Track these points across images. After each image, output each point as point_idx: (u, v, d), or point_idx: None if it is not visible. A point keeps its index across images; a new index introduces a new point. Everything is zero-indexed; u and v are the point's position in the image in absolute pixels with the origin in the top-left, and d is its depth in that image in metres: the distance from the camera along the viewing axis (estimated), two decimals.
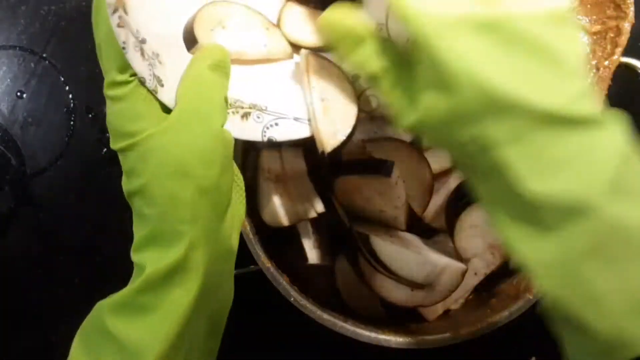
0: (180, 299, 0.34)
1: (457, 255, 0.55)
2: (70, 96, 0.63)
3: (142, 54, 0.35)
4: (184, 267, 0.34)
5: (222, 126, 0.36)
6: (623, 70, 0.59)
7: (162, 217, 0.34)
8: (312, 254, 0.53)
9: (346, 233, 0.54)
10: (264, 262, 0.51)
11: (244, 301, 0.60)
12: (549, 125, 0.29)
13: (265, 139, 0.38)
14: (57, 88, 0.63)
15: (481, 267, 0.57)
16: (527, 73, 0.29)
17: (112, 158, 0.63)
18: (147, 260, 0.34)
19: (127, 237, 0.62)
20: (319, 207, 0.53)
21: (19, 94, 0.63)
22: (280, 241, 0.53)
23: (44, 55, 0.63)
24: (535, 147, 0.29)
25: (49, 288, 0.62)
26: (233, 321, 0.58)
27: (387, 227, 0.54)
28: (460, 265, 0.52)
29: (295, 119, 0.39)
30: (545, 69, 0.30)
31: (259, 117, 0.38)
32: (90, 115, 0.63)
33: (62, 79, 0.63)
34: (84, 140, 0.63)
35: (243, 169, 0.51)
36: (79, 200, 0.62)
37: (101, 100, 0.63)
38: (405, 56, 0.34)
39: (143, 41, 0.35)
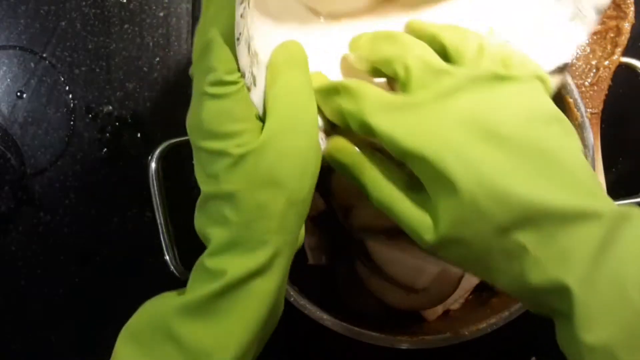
0: (257, 305, 0.33)
1: None
2: (70, 96, 0.63)
3: (249, 49, 0.34)
4: (265, 274, 0.33)
5: (317, 136, 0.35)
6: (623, 70, 0.59)
7: (248, 225, 0.33)
8: (312, 254, 0.53)
9: (345, 234, 0.54)
10: None
11: None
12: (572, 223, 0.30)
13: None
14: (57, 88, 0.63)
15: None
16: (537, 177, 0.31)
17: (112, 158, 0.63)
18: (228, 265, 0.33)
19: (127, 237, 0.62)
20: (319, 204, 0.53)
21: (18, 94, 0.63)
22: None
23: (44, 55, 0.63)
24: (560, 246, 0.30)
25: (49, 288, 0.62)
26: None
27: (386, 228, 0.54)
28: (456, 271, 0.52)
29: None
30: (550, 171, 0.31)
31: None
32: (90, 115, 0.63)
33: (62, 79, 0.63)
34: (84, 140, 0.63)
35: None
36: (79, 200, 0.62)
37: (101, 101, 0.63)
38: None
39: (251, 37, 0.35)
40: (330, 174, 0.53)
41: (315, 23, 0.41)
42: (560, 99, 0.55)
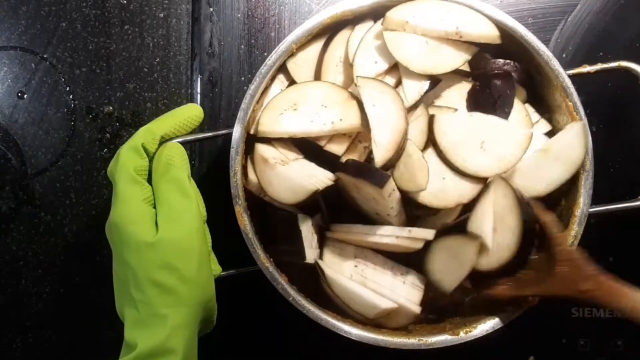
0: None
1: None
2: (71, 97, 0.63)
3: None
4: (167, 347, 0.43)
5: (200, 224, 0.47)
6: (623, 74, 0.58)
7: (149, 302, 0.44)
8: (312, 254, 0.53)
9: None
10: (264, 262, 0.51)
11: (243, 301, 0.60)
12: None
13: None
14: (57, 89, 0.63)
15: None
16: None
17: (112, 158, 0.63)
18: (139, 339, 0.43)
19: None
20: (328, 176, 0.52)
21: (19, 94, 0.63)
22: (280, 241, 0.53)
23: (45, 55, 0.63)
24: None
25: (49, 288, 0.62)
26: (233, 321, 0.58)
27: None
28: (412, 311, 0.53)
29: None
30: None
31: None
32: (90, 116, 0.63)
33: (63, 79, 0.63)
34: (84, 141, 0.63)
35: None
36: (79, 200, 0.62)
37: (101, 101, 0.63)
38: None
39: None
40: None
41: None
42: (560, 102, 0.55)
